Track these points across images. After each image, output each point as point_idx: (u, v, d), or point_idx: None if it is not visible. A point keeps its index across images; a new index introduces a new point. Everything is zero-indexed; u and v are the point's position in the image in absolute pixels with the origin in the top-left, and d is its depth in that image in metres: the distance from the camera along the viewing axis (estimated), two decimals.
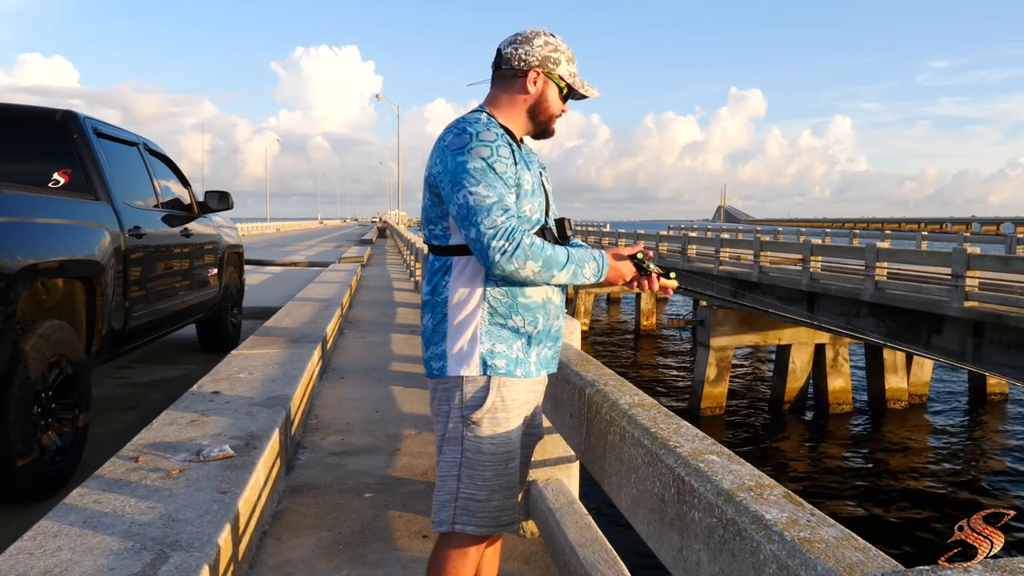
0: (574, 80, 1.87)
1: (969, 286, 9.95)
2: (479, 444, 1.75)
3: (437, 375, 1.79)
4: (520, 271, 1.67)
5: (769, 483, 1.32)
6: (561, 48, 1.84)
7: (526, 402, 1.83)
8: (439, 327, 1.79)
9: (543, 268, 1.68)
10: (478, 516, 1.75)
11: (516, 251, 1.64)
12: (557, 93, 1.86)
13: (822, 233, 23.52)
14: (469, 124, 1.74)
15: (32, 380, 3.31)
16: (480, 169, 1.67)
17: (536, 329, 1.80)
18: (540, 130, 1.90)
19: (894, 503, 11.52)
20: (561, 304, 1.90)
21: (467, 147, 1.69)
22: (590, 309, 27.75)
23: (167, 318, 5.30)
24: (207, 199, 6.34)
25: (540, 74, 1.83)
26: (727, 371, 16.46)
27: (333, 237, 43.81)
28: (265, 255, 21.88)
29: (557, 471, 2.95)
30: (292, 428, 3.99)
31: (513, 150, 1.76)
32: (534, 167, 1.87)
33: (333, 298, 9.29)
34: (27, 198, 3.68)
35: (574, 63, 1.88)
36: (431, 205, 1.80)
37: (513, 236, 1.65)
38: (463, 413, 1.76)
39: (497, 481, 1.77)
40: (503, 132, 1.78)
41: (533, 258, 1.66)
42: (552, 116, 1.88)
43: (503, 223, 1.65)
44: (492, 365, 1.75)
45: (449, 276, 1.78)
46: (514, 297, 1.77)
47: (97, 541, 2.22)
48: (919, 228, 71.01)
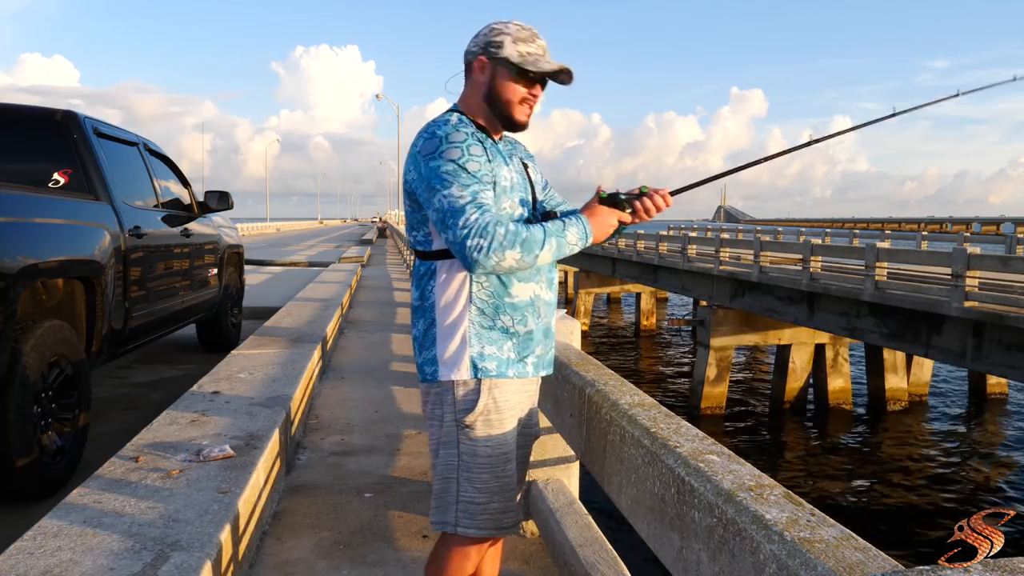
0: (523, 59, 1.75)
1: (969, 286, 9.95)
2: (474, 447, 1.75)
3: (430, 380, 1.79)
4: (502, 263, 1.63)
5: (769, 483, 1.32)
6: (507, 30, 1.76)
7: (519, 403, 1.82)
8: (429, 332, 1.78)
9: (524, 252, 1.64)
10: (479, 519, 1.75)
11: (491, 246, 1.60)
12: (509, 77, 1.77)
13: (822, 233, 23.50)
14: (438, 127, 1.72)
15: (32, 380, 3.30)
16: (452, 171, 1.65)
17: (526, 328, 1.79)
18: (504, 119, 1.81)
19: (894, 503, 11.52)
20: (551, 301, 1.87)
21: (437, 151, 1.67)
22: (590, 309, 27.76)
23: (167, 318, 5.30)
24: (207, 199, 6.34)
25: (486, 60, 1.78)
26: (727, 371, 16.46)
27: (333, 237, 43.82)
28: (265, 255, 21.88)
29: (557, 471, 2.95)
30: (292, 428, 3.99)
31: (486, 147, 1.74)
32: (514, 161, 1.85)
33: (333, 298, 9.29)
34: (27, 198, 3.68)
35: (528, 43, 1.76)
36: (411, 211, 1.79)
37: (486, 232, 1.60)
38: (456, 417, 1.75)
39: (496, 483, 1.76)
40: (475, 130, 1.75)
41: (510, 246, 1.62)
42: (509, 102, 1.78)
43: (475, 220, 1.61)
44: (483, 368, 1.74)
45: (434, 281, 1.77)
46: (500, 297, 1.75)
47: (97, 541, 2.22)
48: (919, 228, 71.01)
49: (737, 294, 16.28)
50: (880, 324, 11.93)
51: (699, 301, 21.09)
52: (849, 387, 16.52)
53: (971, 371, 16.71)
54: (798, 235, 23.10)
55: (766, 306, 15.24)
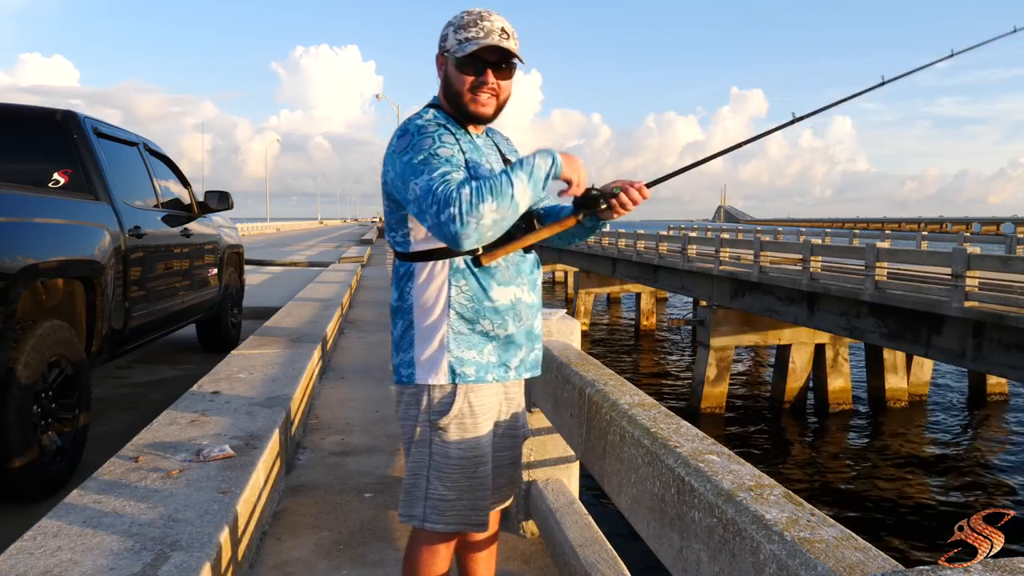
0: (458, 46, 1.69)
1: (969, 286, 9.95)
2: (446, 449, 1.74)
3: (406, 382, 1.77)
4: (482, 223, 1.53)
5: (769, 483, 1.32)
6: (454, 20, 1.72)
7: (495, 406, 1.81)
8: (407, 334, 1.76)
9: (498, 199, 1.53)
10: (447, 515, 1.75)
11: (462, 209, 1.51)
12: (453, 67, 1.72)
13: (822, 233, 23.50)
14: (411, 123, 1.71)
15: (32, 380, 3.30)
16: (423, 160, 1.62)
17: (507, 332, 1.76)
18: (462, 113, 1.76)
19: (894, 503, 11.52)
20: (534, 303, 1.83)
21: (411, 145, 1.65)
22: (590, 309, 27.76)
23: (167, 318, 5.30)
24: (207, 199, 6.34)
25: (440, 57, 1.76)
26: (727, 371, 16.46)
27: (333, 237, 43.81)
28: (265, 255, 21.88)
29: (557, 471, 2.95)
30: (292, 428, 3.99)
31: (460, 140, 1.71)
32: (492, 158, 1.80)
33: (333, 298, 9.29)
34: (27, 198, 3.68)
35: (468, 28, 1.69)
36: (390, 211, 1.77)
37: (451, 198, 1.52)
38: (430, 418, 1.74)
39: (467, 483, 1.75)
40: (449, 123, 1.73)
41: (480, 200, 1.52)
42: (459, 93, 1.73)
43: (440, 191, 1.54)
44: (461, 373, 1.72)
45: (413, 282, 1.75)
46: (480, 301, 1.72)
47: (97, 541, 2.22)
48: (919, 228, 71.00)
49: (737, 294, 16.29)
50: (880, 324, 11.94)
51: (699, 301, 21.08)
52: (849, 387, 16.53)
53: (971, 371, 16.72)
54: (798, 235, 23.11)
55: (766, 306, 15.24)
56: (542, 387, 2.67)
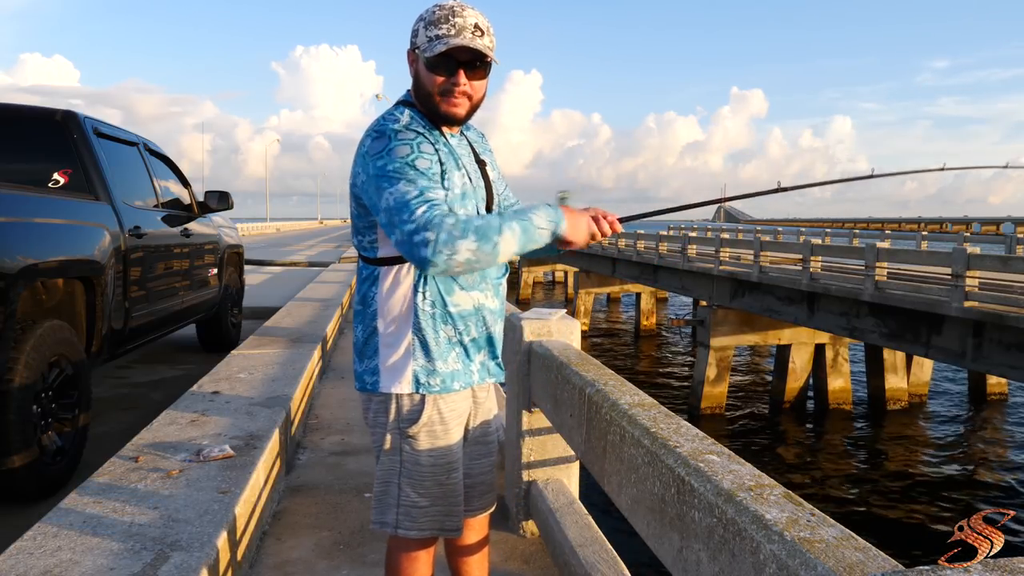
0: (428, 44, 1.61)
1: (969, 286, 9.95)
2: (417, 457, 1.72)
3: (370, 390, 1.74)
4: (455, 257, 1.45)
5: (769, 483, 1.32)
6: (425, 15, 1.64)
7: (465, 411, 1.80)
8: (371, 340, 1.73)
9: (480, 241, 1.46)
10: (420, 521, 1.73)
11: (440, 239, 1.43)
12: (424, 65, 1.65)
13: (822, 233, 23.50)
14: (386, 126, 1.63)
15: (32, 380, 3.30)
16: (399, 168, 1.54)
17: (470, 337, 1.74)
18: (433, 114, 1.68)
19: (894, 503, 11.52)
20: (496, 309, 1.80)
21: (386, 149, 1.57)
22: (590, 309, 27.76)
23: (167, 318, 5.30)
24: (207, 199, 6.34)
25: (411, 53, 1.68)
26: (727, 371, 16.46)
27: (333, 237, 43.80)
28: (265, 255, 21.87)
29: (557, 471, 2.95)
30: (292, 428, 3.99)
31: (437, 147, 1.64)
32: (467, 161, 1.74)
33: (333, 298, 9.29)
34: (27, 198, 3.68)
35: (440, 24, 1.60)
36: (357, 216, 1.71)
37: (432, 224, 1.44)
38: (400, 426, 1.72)
39: (439, 490, 1.74)
40: (425, 126, 1.67)
41: (461, 236, 1.44)
42: (429, 94, 1.66)
43: (423, 214, 1.46)
44: (425, 383, 1.69)
45: (377, 287, 1.71)
46: (442, 307, 1.69)
47: (97, 541, 2.22)
48: (919, 228, 71.01)
49: (737, 294, 16.29)
50: (880, 324, 11.94)
51: (699, 301, 21.08)
52: (849, 387, 16.53)
53: (971, 371, 16.72)
54: (798, 235, 23.10)
55: (766, 306, 15.24)
56: (542, 387, 2.66)
